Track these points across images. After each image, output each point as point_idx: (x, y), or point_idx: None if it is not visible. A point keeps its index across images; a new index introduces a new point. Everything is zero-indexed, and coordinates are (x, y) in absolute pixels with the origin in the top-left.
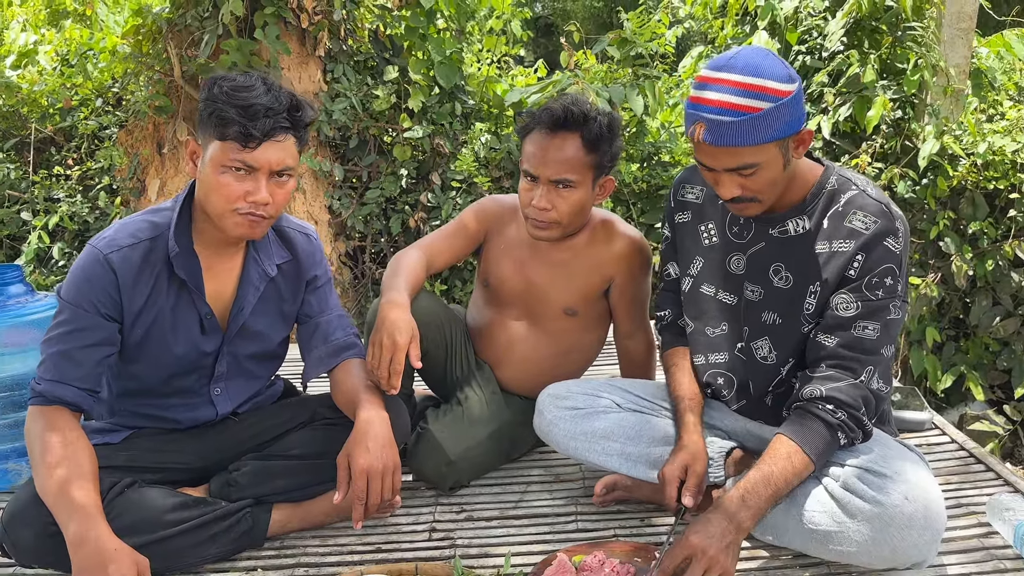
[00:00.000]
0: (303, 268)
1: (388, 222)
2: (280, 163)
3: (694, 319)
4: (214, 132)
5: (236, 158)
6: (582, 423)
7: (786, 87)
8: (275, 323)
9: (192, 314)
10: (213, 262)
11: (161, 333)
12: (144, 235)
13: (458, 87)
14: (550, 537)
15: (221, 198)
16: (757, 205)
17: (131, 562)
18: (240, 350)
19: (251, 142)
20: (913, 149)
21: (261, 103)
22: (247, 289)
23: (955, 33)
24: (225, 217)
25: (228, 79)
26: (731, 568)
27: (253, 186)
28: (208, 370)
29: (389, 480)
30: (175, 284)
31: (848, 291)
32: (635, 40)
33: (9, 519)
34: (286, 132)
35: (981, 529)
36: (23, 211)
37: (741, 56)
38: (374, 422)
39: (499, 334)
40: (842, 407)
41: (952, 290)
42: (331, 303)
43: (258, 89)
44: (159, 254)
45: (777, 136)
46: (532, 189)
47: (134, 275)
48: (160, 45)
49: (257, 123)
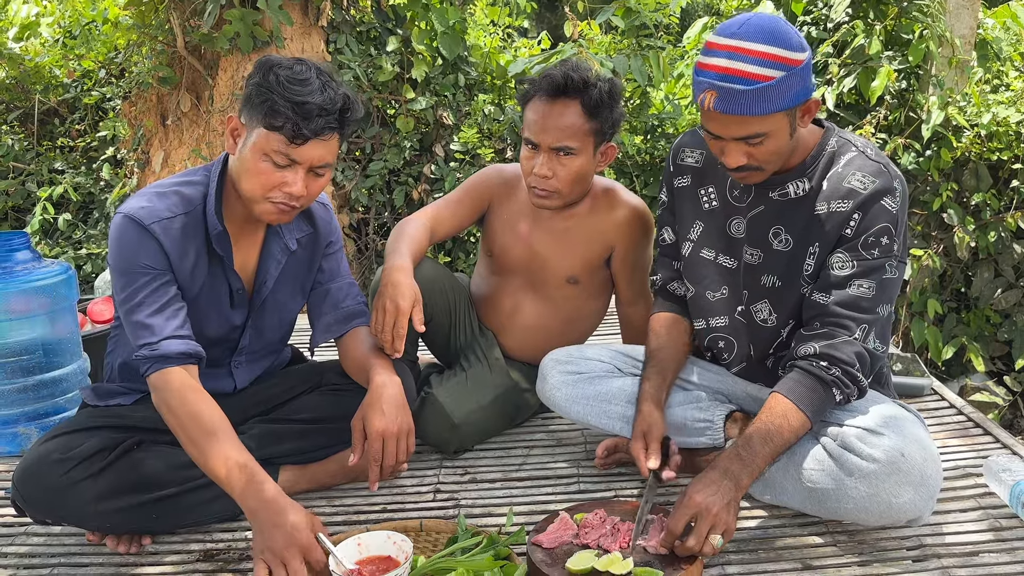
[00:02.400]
0: (321, 238)
1: (391, 194)
2: (321, 159)
3: (694, 283)
4: (262, 120)
5: (281, 151)
6: (584, 387)
7: (798, 56)
8: (295, 295)
9: (224, 288)
10: (239, 236)
11: (198, 306)
12: (179, 209)
13: (461, 58)
14: (552, 498)
15: (257, 184)
16: (760, 173)
17: (306, 516)
18: (262, 322)
19: (298, 139)
20: (917, 120)
21: (315, 102)
22: (269, 263)
23: (961, 3)
24: (257, 202)
25: (284, 66)
26: (733, 525)
27: (292, 178)
28: (233, 343)
29: (404, 442)
30: (209, 258)
31: (844, 250)
32: (640, 10)
33: (21, 477)
34: (333, 131)
35: (978, 490)
36: (28, 183)
37: (753, 22)
38: (388, 385)
39: (503, 302)
40: (836, 363)
41: (954, 262)
42: (342, 269)
43: (313, 85)
44: (196, 228)
45: (787, 105)
46: (533, 157)
47: (178, 246)
48: (163, 16)
49: (310, 123)
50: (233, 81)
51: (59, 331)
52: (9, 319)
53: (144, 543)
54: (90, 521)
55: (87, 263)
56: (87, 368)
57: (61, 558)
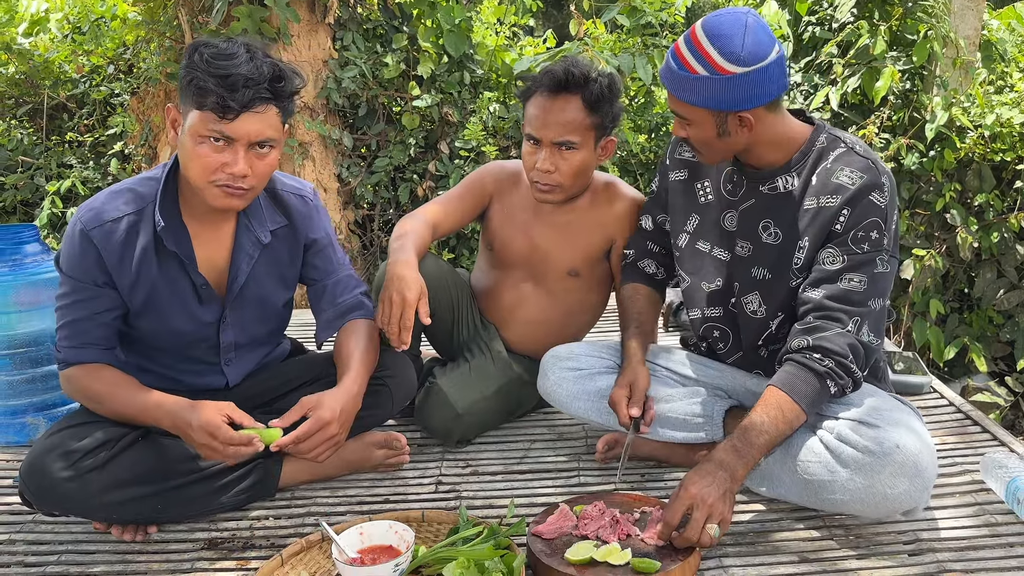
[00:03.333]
0: (299, 231)
1: (396, 191)
2: (259, 134)
3: (690, 274)
4: (193, 101)
5: (213, 128)
6: (585, 383)
7: (731, 66)
8: (276, 287)
9: (186, 284)
10: (202, 230)
11: (158, 304)
12: (130, 208)
13: (467, 56)
14: (553, 491)
15: (198, 168)
16: (701, 156)
17: (213, 409)
18: (243, 317)
19: (229, 113)
20: (921, 121)
21: (241, 73)
22: (240, 257)
23: (965, 4)
24: (204, 188)
25: (209, 46)
26: (729, 515)
27: (231, 157)
28: (214, 340)
29: (322, 434)
30: (166, 255)
31: (834, 245)
32: (645, 9)
33: (28, 471)
34: (267, 103)
35: (975, 486)
36: (36, 177)
37: (721, 17)
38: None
39: (504, 295)
40: (829, 355)
41: (957, 262)
42: (336, 263)
43: (239, 58)
44: (147, 225)
45: (707, 104)
46: (535, 152)
47: (119, 249)
48: (171, 12)
49: (236, 94)
50: None
51: None
52: (18, 310)
53: (149, 532)
54: (96, 513)
55: None
56: None
57: (68, 545)
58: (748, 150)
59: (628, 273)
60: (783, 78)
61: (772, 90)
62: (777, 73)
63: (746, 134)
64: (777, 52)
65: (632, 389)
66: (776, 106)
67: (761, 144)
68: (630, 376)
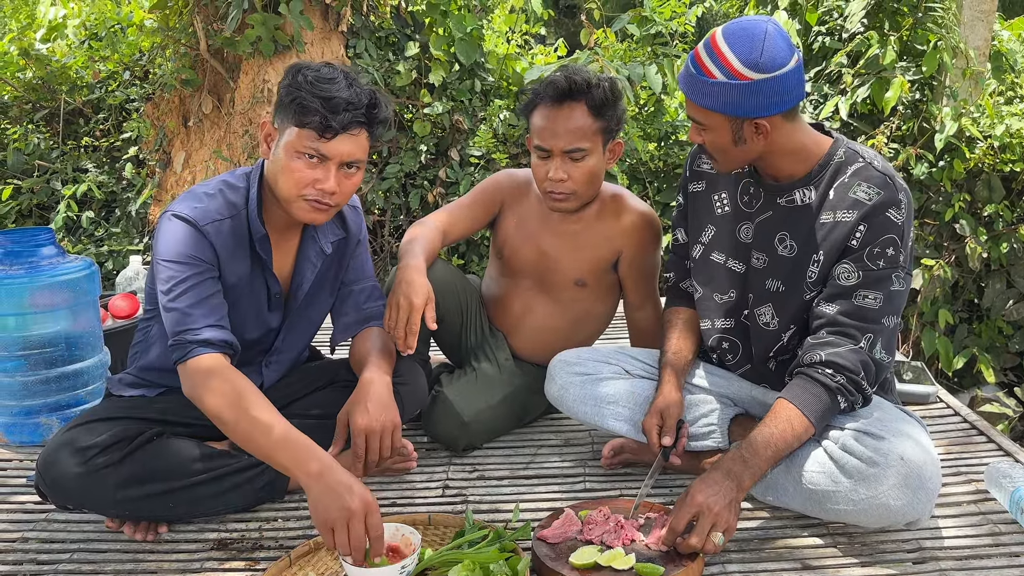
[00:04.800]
0: (351, 240)
1: (407, 197)
2: (351, 155)
3: (703, 285)
4: (293, 119)
5: (311, 146)
6: (592, 388)
7: (747, 71)
8: (326, 297)
9: (263, 291)
10: (278, 240)
11: (238, 308)
12: (226, 212)
13: (478, 64)
14: (558, 496)
15: (291, 182)
16: (717, 163)
17: (364, 494)
18: (297, 324)
19: (328, 133)
20: (930, 131)
21: (343, 97)
22: (305, 266)
23: (976, 15)
24: (292, 201)
25: (312, 69)
26: (734, 524)
27: (323, 174)
28: (267, 345)
29: (388, 439)
30: (252, 261)
31: (850, 261)
32: (655, 19)
33: (44, 464)
34: (361, 127)
35: (979, 495)
36: (52, 180)
37: (742, 23)
38: (375, 383)
39: (513, 303)
40: (841, 371)
41: (966, 272)
42: (367, 271)
43: (340, 83)
44: (241, 231)
45: (723, 110)
46: (545, 163)
47: (229, 248)
48: (187, 19)
49: (338, 116)
50: (254, 84)
51: (81, 325)
52: (33, 312)
53: (160, 531)
54: (110, 508)
55: (108, 260)
56: (107, 362)
57: (80, 544)
58: (765, 160)
59: (671, 296)
60: (801, 87)
61: (789, 99)
62: (795, 82)
63: (762, 142)
64: (796, 61)
65: (664, 417)
66: (793, 116)
67: (778, 154)
68: (662, 403)
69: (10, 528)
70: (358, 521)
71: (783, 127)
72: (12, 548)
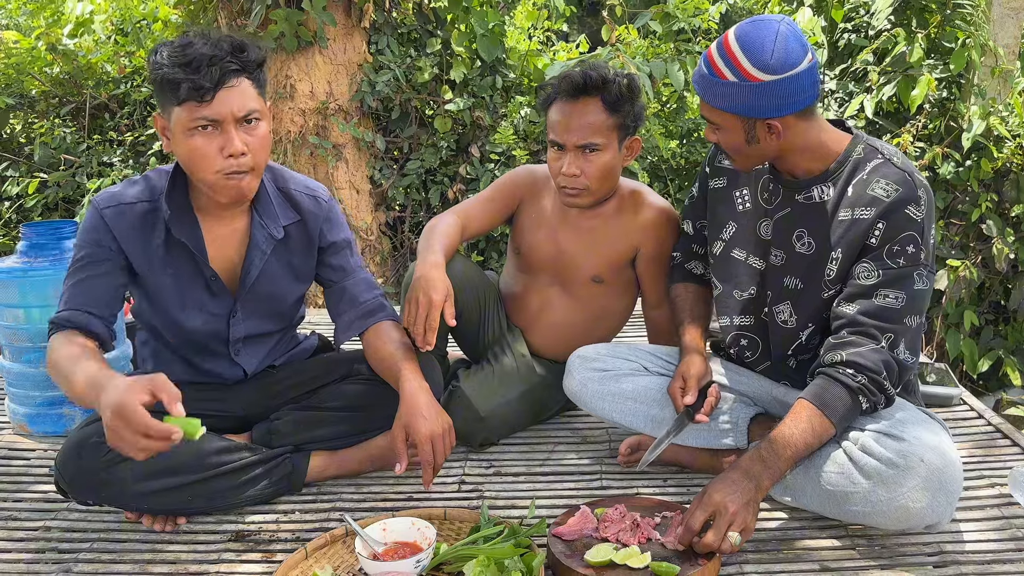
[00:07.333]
0: (311, 229)
1: (427, 193)
2: (242, 108)
3: (723, 281)
4: (170, 99)
5: (197, 116)
6: (610, 384)
7: (759, 74)
8: (288, 284)
9: (198, 277)
10: (215, 226)
11: (170, 294)
12: (143, 196)
13: (499, 60)
14: (575, 493)
15: (199, 162)
16: (735, 162)
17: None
18: (254, 312)
19: (206, 95)
20: (957, 130)
21: (202, 53)
22: (254, 253)
23: (1005, 12)
24: (213, 184)
25: (166, 44)
26: (752, 524)
27: (224, 139)
28: (224, 333)
29: (448, 439)
30: (179, 247)
31: (869, 259)
32: (677, 15)
33: (63, 460)
34: (237, 76)
35: (1002, 499)
36: (78, 175)
37: (754, 24)
38: (420, 392)
39: (531, 299)
40: (862, 371)
41: (993, 273)
42: (353, 264)
43: (196, 43)
44: (160, 215)
45: (737, 111)
46: (560, 158)
47: (133, 233)
48: (211, 15)
49: (204, 74)
50: (277, 80)
51: None
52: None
53: (179, 523)
54: (129, 502)
55: None
56: (130, 354)
57: (100, 534)
58: (782, 158)
59: (676, 274)
60: (815, 88)
61: (802, 99)
62: (808, 82)
63: (775, 141)
64: (809, 61)
65: (685, 379)
66: (808, 114)
67: (794, 152)
68: (683, 367)
69: (33, 517)
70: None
71: (797, 126)
72: (35, 537)
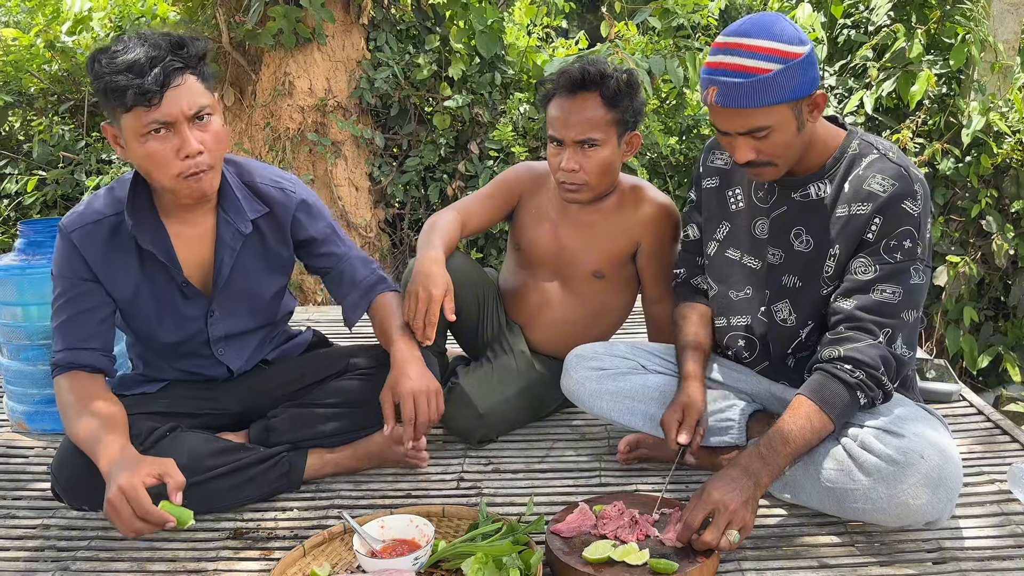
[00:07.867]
0: (281, 220)
1: (427, 190)
2: (192, 105)
3: (718, 282)
4: (118, 107)
5: (147, 120)
6: (608, 383)
7: (796, 49)
8: (263, 278)
9: (170, 283)
10: (182, 229)
11: (144, 303)
12: (109, 211)
13: (498, 57)
14: (573, 490)
15: (157, 166)
16: (773, 169)
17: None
18: (233, 310)
19: (153, 98)
20: (957, 126)
21: (140, 55)
22: (223, 251)
23: (1005, 8)
24: (173, 187)
25: (103, 51)
26: (751, 522)
27: (179, 140)
28: (204, 334)
29: (434, 401)
30: (147, 255)
31: (866, 254)
32: (677, 11)
33: (59, 467)
34: (181, 73)
35: (1001, 495)
36: (76, 172)
37: (752, 20)
38: (410, 360)
39: (530, 296)
40: (860, 366)
41: (992, 270)
42: (344, 248)
43: (132, 47)
44: (126, 227)
45: (787, 98)
46: (559, 153)
47: (101, 251)
48: (209, 11)
49: (148, 77)
50: (276, 77)
51: None
52: None
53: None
54: None
55: None
56: (126, 351)
57: (99, 531)
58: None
59: (681, 292)
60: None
61: (817, 74)
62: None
63: (816, 118)
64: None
65: (684, 413)
66: None
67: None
68: (684, 399)
69: (31, 515)
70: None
71: None
72: (33, 535)
